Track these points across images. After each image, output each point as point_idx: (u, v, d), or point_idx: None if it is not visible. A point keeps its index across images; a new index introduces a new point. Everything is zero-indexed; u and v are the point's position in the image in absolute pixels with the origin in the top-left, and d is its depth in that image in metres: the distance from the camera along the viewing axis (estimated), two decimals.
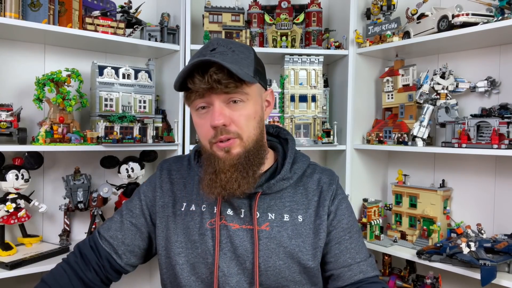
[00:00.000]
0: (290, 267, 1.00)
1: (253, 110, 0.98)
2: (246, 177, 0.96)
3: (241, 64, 0.95)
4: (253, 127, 0.98)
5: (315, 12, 1.94)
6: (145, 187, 1.15)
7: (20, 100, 1.64)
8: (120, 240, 1.10)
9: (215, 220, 1.02)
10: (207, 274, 1.00)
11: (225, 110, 0.95)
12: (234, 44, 1.00)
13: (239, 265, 1.00)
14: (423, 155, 1.93)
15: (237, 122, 0.95)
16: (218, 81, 0.90)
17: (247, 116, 0.97)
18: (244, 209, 1.03)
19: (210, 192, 0.97)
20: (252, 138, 0.98)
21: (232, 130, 0.95)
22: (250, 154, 0.97)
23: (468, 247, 1.45)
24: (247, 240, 1.00)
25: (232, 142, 0.96)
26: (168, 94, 1.91)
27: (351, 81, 1.90)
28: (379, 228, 1.85)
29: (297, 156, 1.11)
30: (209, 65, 0.91)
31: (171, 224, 1.06)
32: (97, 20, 1.62)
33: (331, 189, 1.09)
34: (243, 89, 0.95)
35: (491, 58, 1.70)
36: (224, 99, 0.94)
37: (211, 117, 0.94)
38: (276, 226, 1.02)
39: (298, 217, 1.04)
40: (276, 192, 1.05)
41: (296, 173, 1.07)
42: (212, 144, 0.97)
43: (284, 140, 1.14)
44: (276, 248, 1.00)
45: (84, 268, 1.07)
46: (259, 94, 1.02)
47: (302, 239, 1.02)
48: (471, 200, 1.78)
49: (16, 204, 1.53)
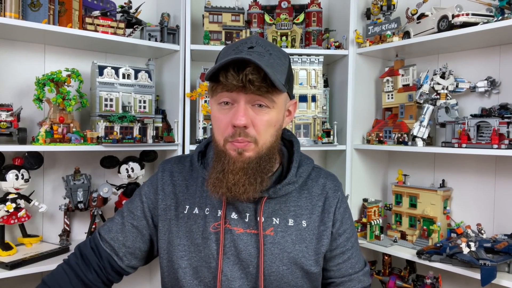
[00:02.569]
0: (293, 273, 1.00)
1: (276, 118, 0.97)
2: (254, 183, 0.95)
3: (276, 69, 0.93)
4: (271, 134, 0.97)
5: (315, 12, 1.94)
6: (146, 188, 1.14)
7: (20, 100, 1.64)
8: (121, 242, 1.09)
9: (219, 223, 1.01)
10: (209, 278, 1.00)
11: (249, 111, 0.93)
12: (272, 47, 0.98)
13: (242, 269, 0.99)
14: (423, 155, 1.93)
15: (258, 126, 0.94)
16: (252, 82, 0.89)
17: (268, 123, 0.95)
18: (249, 213, 1.02)
19: (215, 190, 0.96)
20: (267, 145, 0.97)
21: (250, 133, 0.94)
22: (262, 160, 0.96)
23: (468, 247, 1.45)
24: (251, 245, 0.99)
25: (247, 145, 0.94)
26: (168, 94, 1.91)
27: (351, 81, 1.90)
28: (379, 228, 1.85)
29: (302, 159, 1.10)
30: (245, 63, 0.89)
31: (174, 227, 1.05)
32: (97, 20, 1.62)
33: (336, 196, 1.09)
34: (272, 96, 0.93)
35: (491, 58, 1.70)
36: (251, 100, 0.93)
37: (234, 116, 0.92)
38: (280, 231, 1.01)
39: (302, 222, 1.04)
40: (281, 196, 1.04)
41: (301, 177, 1.06)
42: (227, 142, 0.95)
43: (288, 142, 1.12)
44: (280, 253, 0.99)
45: (84, 269, 1.07)
46: (284, 103, 1.01)
47: (306, 244, 1.02)
48: (471, 200, 1.78)
49: (16, 204, 1.53)
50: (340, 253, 1.09)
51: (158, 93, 1.91)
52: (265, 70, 0.87)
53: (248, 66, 0.88)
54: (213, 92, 0.97)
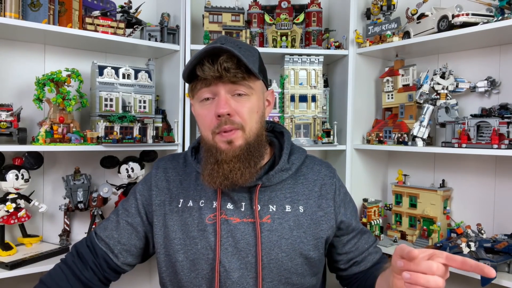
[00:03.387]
0: (293, 259, 1.01)
1: (256, 104, 1.01)
2: (249, 167, 0.97)
3: (248, 59, 0.96)
4: (255, 120, 1.00)
5: (315, 12, 1.94)
6: (140, 186, 1.15)
7: (20, 100, 1.64)
8: (116, 239, 1.10)
9: (215, 215, 1.02)
10: (207, 270, 1.00)
11: (230, 101, 0.97)
12: (240, 42, 1.03)
13: (241, 259, 1.00)
14: (423, 155, 1.93)
15: (241, 113, 0.97)
16: (228, 69, 0.93)
17: (251, 109, 0.99)
18: (244, 203, 1.03)
19: (212, 181, 0.98)
20: (254, 131, 1.00)
21: (236, 120, 0.97)
22: (251, 147, 0.99)
23: (468, 247, 1.45)
24: (249, 234, 1.00)
25: (235, 132, 0.97)
26: (168, 94, 1.91)
27: (351, 81, 1.90)
28: (379, 228, 1.85)
29: (294, 148, 1.13)
30: (218, 55, 0.93)
31: (169, 222, 1.06)
32: (97, 20, 1.62)
33: (333, 183, 1.12)
34: (249, 83, 0.98)
35: (491, 58, 1.70)
36: (230, 89, 0.97)
37: (217, 106, 0.96)
38: (278, 218, 1.02)
39: (299, 207, 1.05)
40: (276, 184, 1.05)
41: (294, 164, 1.08)
42: (215, 134, 0.98)
43: (279, 133, 1.15)
44: (278, 240, 1.00)
45: (81, 267, 1.08)
46: (262, 91, 1.05)
47: (304, 229, 1.03)
48: (471, 200, 1.78)
49: (16, 204, 1.53)
50: (355, 234, 1.15)
51: (158, 93, 1.91)
52: (237, 55, 0.92)
53: (221, 56, 0.93)
54: (193, 92, 1.02)
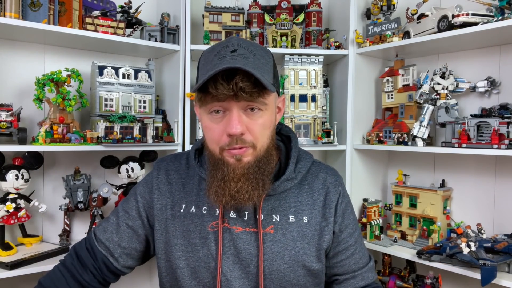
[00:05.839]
0: (295, 271, 0.99)
1: (269, 119, 0.96)
2: (257, 188, 0.94)
3: (263, 70, 0.91)
4: (267, 136, 0.96)
5: (315, 12, 1.94)
6: (141, 187, 1.12)
7: (20, 100, 1.64)
8: (116, 243, 1.08)
9: (217, 222, 0.99)
10: (209, 279, 0.99)
11: (243, 117, 0.91)
12: (254, 46, 0.96)
13: (242, 269, 0.98)
14: (423, 155, 1.93)
15: (253, 131, 0.93)
16: (243, 89, 0.86)
17: (263, 126, 0.94)
18: (248, 212, 1.00)
19: (218, 200, 0.94)
20: (265, 147, 0.96)
21: (247, 139, 0.92)
22: (261, 163, 0.95)
23: (468, 247, 1.45)
24: (251, 244, 0.98)
25: (245, 150, 0.93)
26: (168, 94, 1.91)
27: (351, 81, 1.90)
28: (379, 228, 1.85)
29: (301, 154, 1.08)
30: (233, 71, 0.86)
31: (171, 227, 1.04)
32: (97, 20, 1.62)
33: (337, 191, 1.07)
34: (264, 99, 0.92)
35: (491, 58, 1.70)
36: (243, 106, 0.91)
37: (229, 125, 0.90)
38: (281, 229, 1.00)
39: (304, 218, 1.02)
40: (281, 193, 1.02)
41: (300, 173, 1.04)
42: (223, 150, 0.93)
43: (286, 137, 1.11)
44: (280, 251, 0.98)
45: (81, 270, 1.06)
46: (275, 102, 1.00)
47: (307, 241, 1.01)
48: (471, 200, 1.78)
49: (16, 204, 1.53)
50: (344, 249, 1.07)
51: (158, 93, 1.91)
52: (255, 76, 0.85)
53: (237, 74, 0.86)
54: (202, 103, 0.94)
